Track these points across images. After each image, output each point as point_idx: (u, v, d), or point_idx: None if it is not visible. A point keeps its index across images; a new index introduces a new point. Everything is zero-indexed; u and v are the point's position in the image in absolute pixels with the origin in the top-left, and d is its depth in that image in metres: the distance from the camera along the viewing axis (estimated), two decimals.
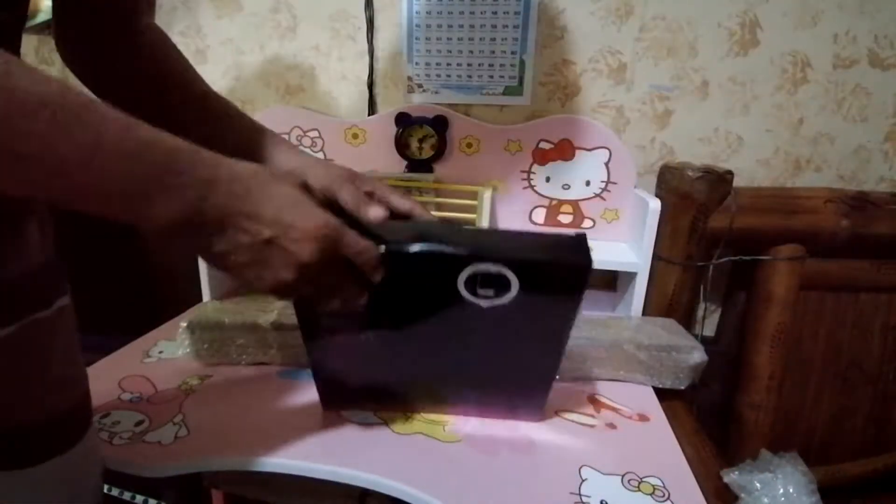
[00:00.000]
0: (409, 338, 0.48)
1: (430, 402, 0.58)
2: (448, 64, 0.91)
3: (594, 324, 0.72)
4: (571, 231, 0.45)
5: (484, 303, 0.43)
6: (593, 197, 0.87)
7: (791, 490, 0.63)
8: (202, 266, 0.90)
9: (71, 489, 0.37)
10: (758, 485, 0.63)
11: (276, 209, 0.33)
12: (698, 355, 0.66)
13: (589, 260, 0.42)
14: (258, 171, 0.34)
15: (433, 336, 0.48)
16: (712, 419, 0.83)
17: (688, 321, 0.84)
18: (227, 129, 0.47)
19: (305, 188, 0.36)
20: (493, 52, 0.89)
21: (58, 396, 0.36)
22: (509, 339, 0.48)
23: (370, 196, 0.45)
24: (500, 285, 0.43)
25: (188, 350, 0.69)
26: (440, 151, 0.88)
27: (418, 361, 0.51)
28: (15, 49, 0.32)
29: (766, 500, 0.62)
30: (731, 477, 0.64)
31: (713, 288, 0.87)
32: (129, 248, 0.98)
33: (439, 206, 0.90)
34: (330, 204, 0.39)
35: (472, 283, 0.43)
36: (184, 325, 0.68)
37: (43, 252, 0.34)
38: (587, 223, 0.89)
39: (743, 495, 0.62)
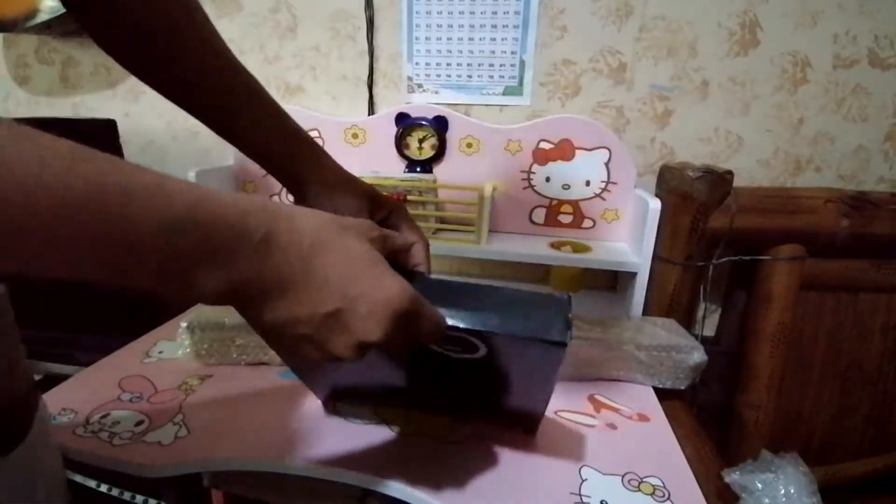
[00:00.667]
0: (401, 370, 0.48)
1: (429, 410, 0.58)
2: (448, 64, 0.91)
3: (594, 324, 0.72)
4: (560, 294, 0.41)
5: (454, 355, 0.41)
6: (593, 197, 0.87)
7: (792, 491, 0.62)
8: None
9: (30, 479, 0.35)
10: (759, 485, 0.63)
11: (343, 276, 0.28)
12: (698, 355, 0.66)
13: (564, 337, 0.39)
14: (324, 226, 0.29)
15: (422, 372, 0.47)
16: (712, 419, 0.83)
17: (688, 321, 0.84)
18: (260, 129, 0.44)
19: (381, 240, 0.32)
20: (493, 52, 0.89)
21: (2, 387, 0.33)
22: (492, 380, 0.46)
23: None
24: (469, 344, 0.40)
25: (188, 350, 0.69)
26: (440, 151, 0.88)
27: (410, 388, 0.51)
28: None
29: (767, 500, 0.62)
30: (733, 477, 0.64)
31: (713, 288, 0.87)
32: None
33: (439, 207, 0.90)
34: None
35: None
36: (184, 325, 0.68)
37: None
38: (587, 223, 0.89)
39: (744, 495, 0.62)
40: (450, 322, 0.36)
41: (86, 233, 0.21)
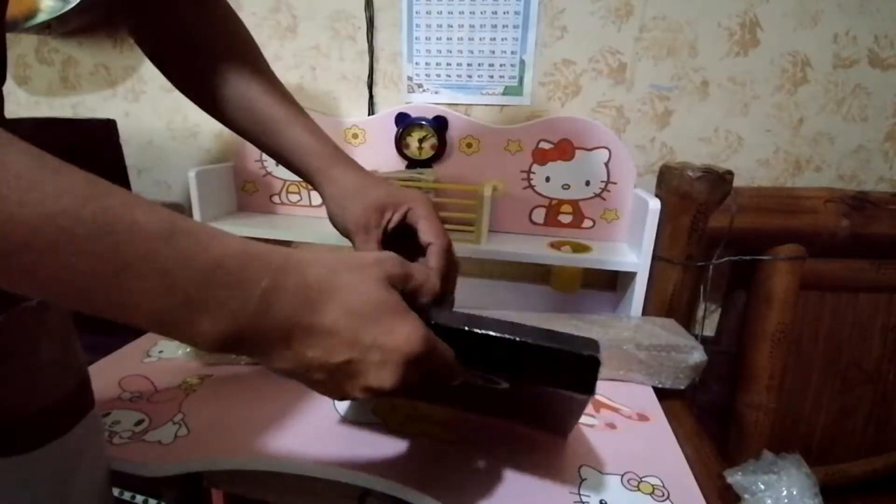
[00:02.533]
0: None
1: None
2: (448, 64, 0.91)
3: (594, 323, 0.72)
4: (589, 335, 0.38)
5: (480, 381, 0.39)
6: (593, 197, 0.87)
7: (794, 492, 0.63)
8: None
9: (67, 474, 0.37)
10: (761, 486, 0.63)
11: (353, 325, 0.27)
12: (698, 355, 0.66)
13: (592, 389, 0.37)
14: (335, 269, 0.28)
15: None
16: (712, 419, 0.83)
17: (688, 321, 0.84)
18: (269, 132, 0.46)
19: (402, 278, 0.31)
20: (493, 52, 0.89)
21: (51, 384, 0.35)
22: (520, 400, 0.46)
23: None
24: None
25: (188, 350, 0.69)
26: (440, 151, 0.88)
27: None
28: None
29: (769, 501, 0.62)
30: (735, 478, 0.64)
31: (713, 288, 0.87)
32: None
33: (439, 207, 0.90)
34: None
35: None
36: None
37: None
38: (587, 223, 0.89)
39: (746, 496, 0.62)
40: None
41: (87, 268, 0.21)
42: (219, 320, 0.24)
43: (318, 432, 0.56)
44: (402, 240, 0.43)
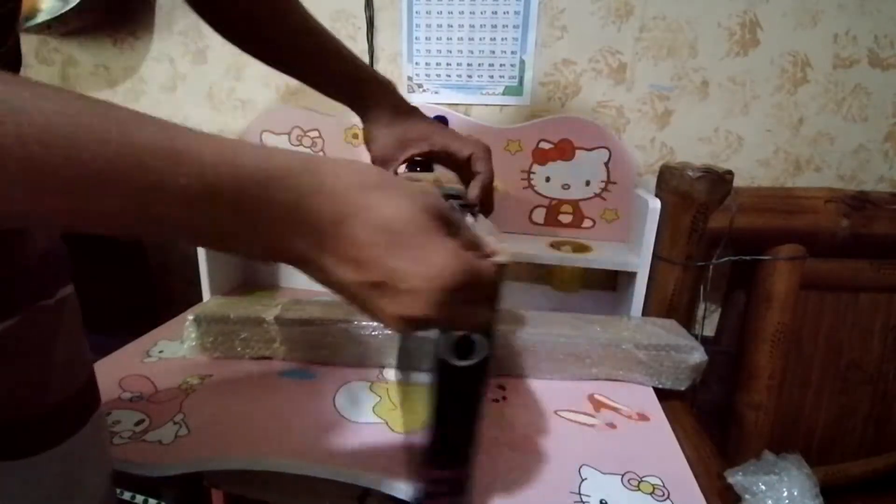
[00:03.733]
0: None
1: None
2: (448, 64, 0.91)
3: (593, 322, 0.72)
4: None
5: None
6: (593, 197, 0.87)
7: (795, 493, 0.62)
8: (202, 266, 0.90)
9: (76, 474, 0.37)
10: (762, 487, 0.63)
11: (380, 245, 0.25)
12: (698, 355, 0.66)
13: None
14: (364, 184, 0.25)
15: None
16: (712, 419, 0.83)
17: (688, 321, 0.84)
18: (323, 74, 0.50)
19: (437, 213, 0.27)
20: (493, 52, 0.89)
21: (63, 383, 0.35)
22: None
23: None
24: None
25: (194, 343, 0.70)
26: None
27: None
28: (11, 45, 0.32)
29: (769, 502, 0.62)
30: (736, 478, 0.64)
31: (713, 288, 0.87)
32: (129, 247, 0.99)
33: None
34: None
35: None
36: (191, 318, 0.70)
37: (46, 240, 0.34)
38: (587, 223, 0.89)
39: (747, 496, 0.62)
40: None
41: (121, 190, 0.21)
42: (255, 240, 0.24)
43: (318, 432, 0.56)
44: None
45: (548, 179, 0.87)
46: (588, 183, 0.86)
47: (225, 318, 0.69)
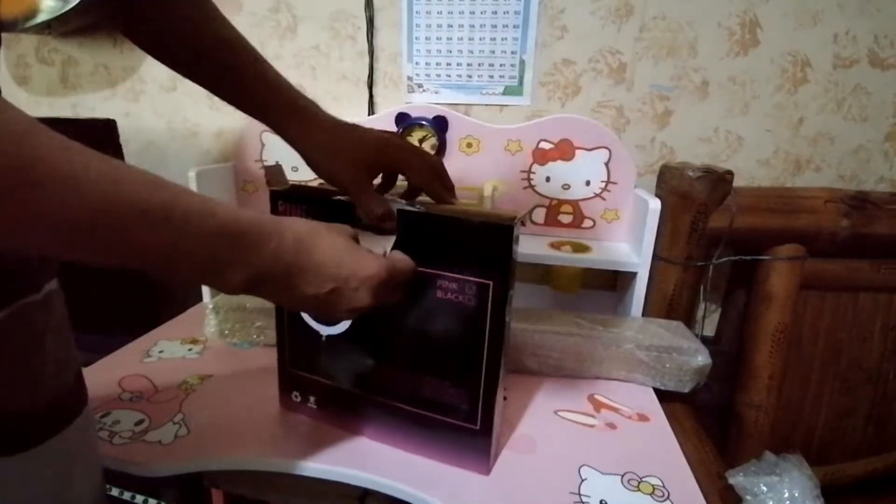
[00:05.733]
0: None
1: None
2: (448, 64, 0.91)
3: (595, 322, 0.72)
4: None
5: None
6: (593, 197, 0.87)
7: (796, 494, 0.62)
8: None
9: (65, 470, 0.37)
10: (763, 487, 0.63)
11: (333, 262, 0.37)
12: (702, 358, 0.66)
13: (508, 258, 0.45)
14: (313, 228, 0.38)
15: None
16: (712, 419, 0.83)
17: (688, 321, 0.84)
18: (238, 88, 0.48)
19: (354, 235, 0.41)
20: (493, 52, 0.89)
21: (52, 379, 0.36)
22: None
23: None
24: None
25: (213, 329, 0.75)
26: (440, 151, 0.88)
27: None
28: None
29: (770, 503, 0.62)
30: (737, 479, 0.64)
31: (713, 288, 0.87)
32: None
33: None
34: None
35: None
36: (210, 306, 0.75)
37: None
38: (587, 223, 0.89)
39: (748, 497, 0.62)
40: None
41: (131, 240, 0.27)
42: (243, 272, 0.33)
43: (318, 433, 0.56)
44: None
45: (548, 179, 0.87)
46: (588, 183, 0.86)
47: (242, 306, 0.74)
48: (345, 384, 0.55)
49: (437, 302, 0.47)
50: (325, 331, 0.54)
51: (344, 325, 0.53)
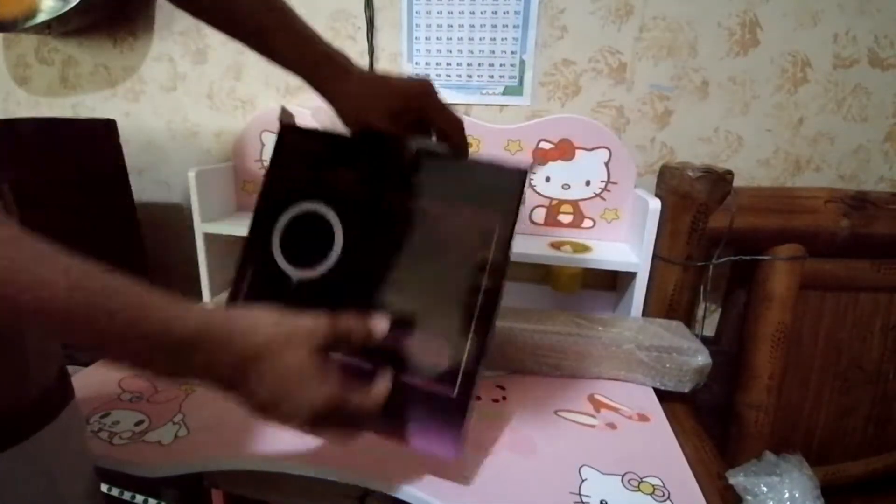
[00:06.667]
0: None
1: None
2: (448, 64, 0.91)
3: (595, 322, 0.72)
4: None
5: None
6: (593, 197, 0.87)
7: (797, 494, 0.62)
8: (202, 266, 0.90)
9: (51, 465, 0.37)
10: (764, 488, 0.63)
11: (274, 390, 0.36)
12: (702, 358, 0.66)
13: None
14: (270, 339, 0.35)
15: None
16: (712, 419, 0.83)
17: (688, 321, 0.84)
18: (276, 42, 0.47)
19: (326, 342, 0.38)
20: (492, 52, 0.89)
21: (39, 373, 0.36)
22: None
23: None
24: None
25: None
26: None
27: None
28: None
29: (771, 503, 0.62)
30: (738, 479, 0.64)
31: (713, 288, 0.87)
32: (128, 248, 0.99)
33: None
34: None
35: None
36: (210, 306, 0.74)
37: None
38: (587, 223, 0.89)
39: (748, 498, 0.62)
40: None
41: (84, 331, 0.29)
42: (184, 372, 0.34)
43: None
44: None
45: (548, 179, 0.87)
46: (588, 183, 0.86)
47: None
48: None
49: (439, 239, 0.47)
50: (296, 274, 0.49)
51: (323, 267, 0.48)
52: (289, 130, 0.52)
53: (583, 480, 0.51)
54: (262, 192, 0.51)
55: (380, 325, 0.43)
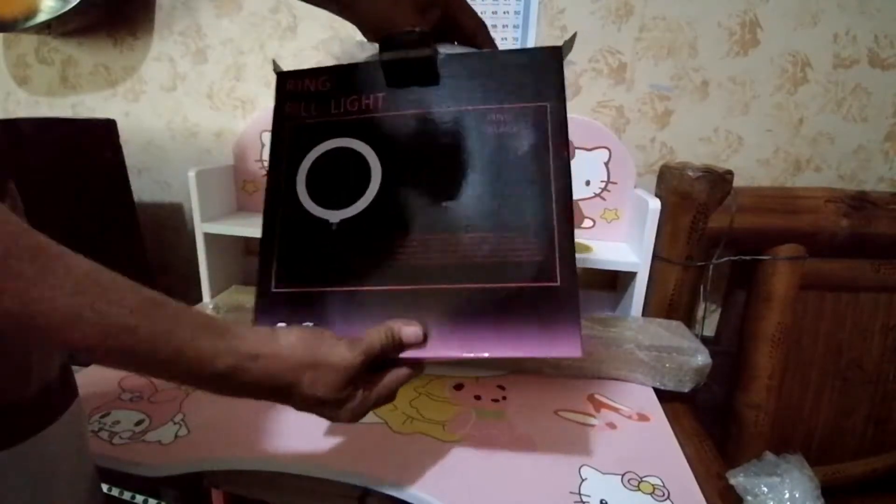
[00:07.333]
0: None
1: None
2: None
3: (595, 321, 0.72)
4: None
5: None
6: (593, 197, 0.87)
7: (797, 495, 0.62)
8: (202, 266, 0.90)
9: (54, 463, 0.37)
10: (764, 488, 0.62)
11: (311, 406, 0.40)
12: (702, 358, 0.66)
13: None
14: (298, 368, 0.38)
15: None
16: (712, 419, 0.83)
17: (688, 321, 0.84)
18: None
19: (359, 369, 0.39)
20: None
21: (41, 370, 0.35)
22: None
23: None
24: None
25: None
26: None
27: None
28: None
29: (771, 503, 0.62)
30: (738, 479, 0.64)
31: (713, 288, 0.87)
32: (128, 248, 0.99)
33: None
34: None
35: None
36: (210, 306, 0.77)
37: None
38: (587, 223, 0.89)
39: (749, 498, 0.62)
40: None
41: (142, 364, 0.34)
42: (225, 391, 0.37)
43: (318, 432, 0.56)
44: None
45: None
46: (588, 183, 0.86)
47: (241, 306, 0.75)
48: (369, 282, 0.42)
49: (488, 139, 0.44)
50: (334, 216, 0.45)
51: (363, 202, 0.44)
52: (286, 76, 0.50)
53: (583, 480, 0.51)
54: (272, 150, 0.48)
55: (413, 332, 0.40)
